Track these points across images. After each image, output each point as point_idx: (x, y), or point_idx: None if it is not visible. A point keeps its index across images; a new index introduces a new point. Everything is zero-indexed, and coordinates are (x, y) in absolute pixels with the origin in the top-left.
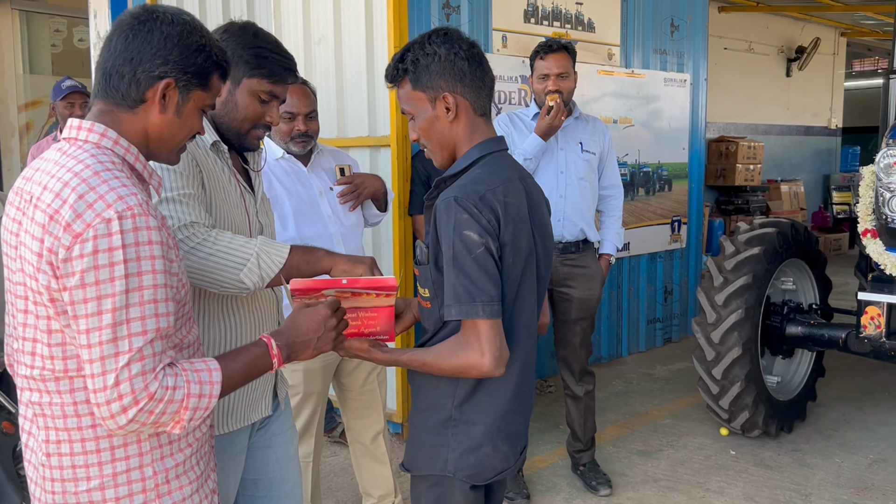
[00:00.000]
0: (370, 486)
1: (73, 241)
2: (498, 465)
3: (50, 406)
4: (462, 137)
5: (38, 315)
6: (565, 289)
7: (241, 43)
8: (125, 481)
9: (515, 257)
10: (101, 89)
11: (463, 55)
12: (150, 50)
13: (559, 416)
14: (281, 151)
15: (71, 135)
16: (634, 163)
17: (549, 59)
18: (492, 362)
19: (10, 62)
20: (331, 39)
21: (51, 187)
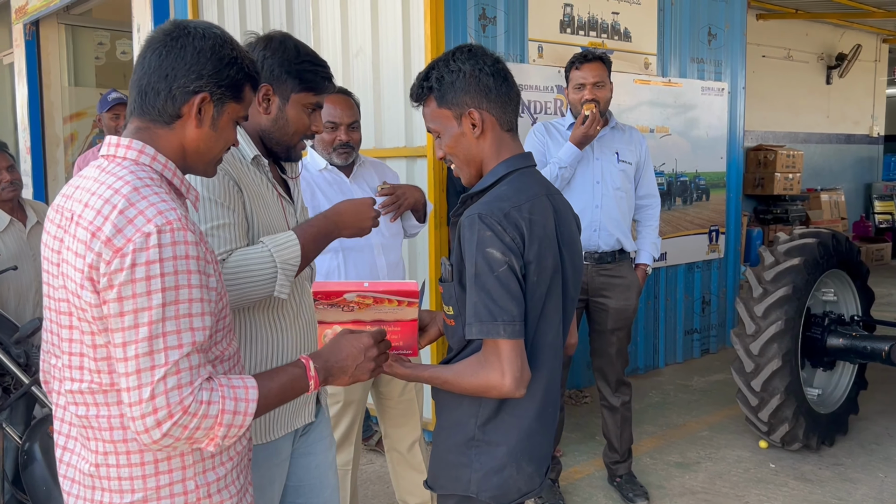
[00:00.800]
0: (406, 494)
1: (112, 256)
2: (522, 487)
3: (97, 419)
4: (489, 153)
5: (83, 331)
6: (601, 299)
7: (285, 59)
8: (168, 494)
9: (540, 276)
10: (137, 106)
11: (488, 71)
12: (183, 65)
13: (595, 426)
14: (324, 162)
15: (109, 152)
16: (671, 172)
17: (584, 68)
18: (512, 383)
19: (56, 75)
20: (368, 52)
21: (91, 204)
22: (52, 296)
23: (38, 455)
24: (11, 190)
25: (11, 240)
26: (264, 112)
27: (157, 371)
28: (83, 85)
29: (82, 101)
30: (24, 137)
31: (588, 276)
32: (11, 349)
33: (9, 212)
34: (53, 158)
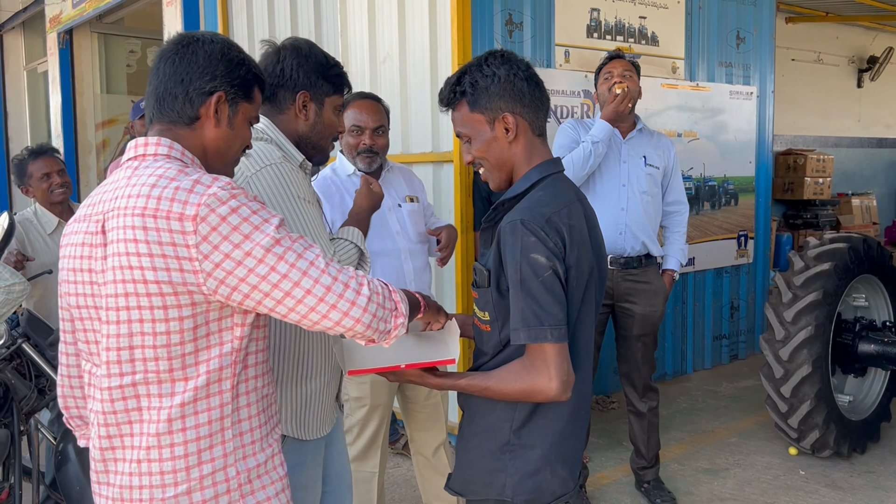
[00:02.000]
0: (432, 497)
1: (195, 225)
2: (556, 490)
3: (148, 410)
4: (521, 158)
5: (143, 319)
6: (627, 304)
7: (318, 65)
8: (210, 483)
9: (578, 280)
10: (157, 112)
11: (522, 76)
12: (197, 68)
13: (622, 432)
14: (352, 168)
15: (139, 152)
16: (699, 176)
17: (612, 63)
18: (559, 387)
19: (88, 83)
20: (395, 57)
21: (136, 193)
22: (83, 304)
23: (71, 455)
24: (62, 193)
25: (58, 243)
26: (304, 119)
27: (318, 262)
28: (115, 92)
29: (114, 108)
30: (58, 144)
31: (613, 281)
32: (46, 351)
33: (58, 214)
34: (86, 165)
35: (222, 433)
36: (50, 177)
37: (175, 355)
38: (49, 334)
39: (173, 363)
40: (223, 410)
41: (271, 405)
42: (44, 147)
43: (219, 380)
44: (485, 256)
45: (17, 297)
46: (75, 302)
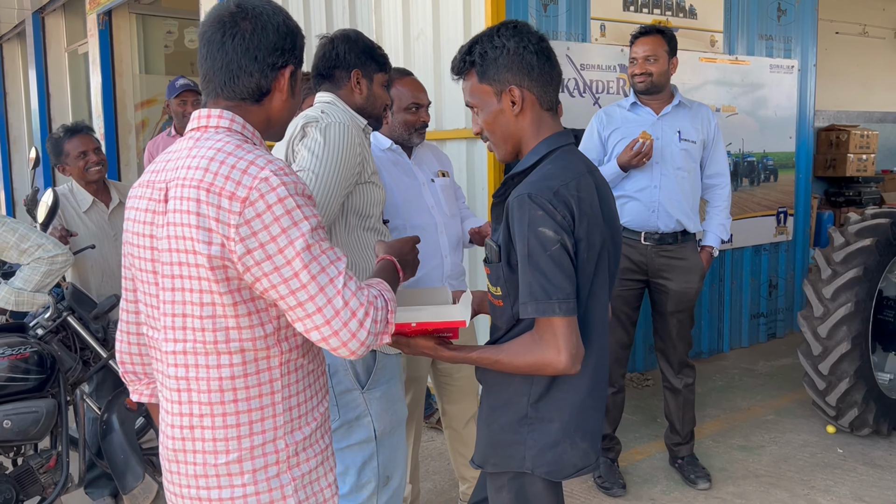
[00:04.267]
0: (464, 470)
1: (242, 207)
2: (577, 463)
3: (196, 381)
4: (528, 132)
5: (192, 288)
6: (661, 280)
7: (365, 47)
8: (260, 454)
9: (589, 253)
10: (222, 89)
11: (532, 49)
12: (268, 44)
13: (657, 409)
14: (388, 142)
15: (201, 123)
16: (738, 152)
17: (639, 42)
18: (568, 359)
19: (127, 63)
20: (429, 34)
21: (195, 165)
22: (144, 268)
23: (115, 425)
24: (97, 171)
25: (93, 220)
26: (359, 92)
27: (337, 281)
28: (153, 73)
29: (152, 88)
30: (99, 124)
31: (647, 257)
32: (90, 324)
33: (93, 193)
34: (126, 144)
35: (273, 407)
36: (86, 155)
37: (219, 327)
38: (92, 308)
39: (217, 335)
40: (273, 386)
41: (318, 379)
42: (79, 125)
43: (266, 357)
44: (496, 232)
45: (61, 268)
46: (139, 265)
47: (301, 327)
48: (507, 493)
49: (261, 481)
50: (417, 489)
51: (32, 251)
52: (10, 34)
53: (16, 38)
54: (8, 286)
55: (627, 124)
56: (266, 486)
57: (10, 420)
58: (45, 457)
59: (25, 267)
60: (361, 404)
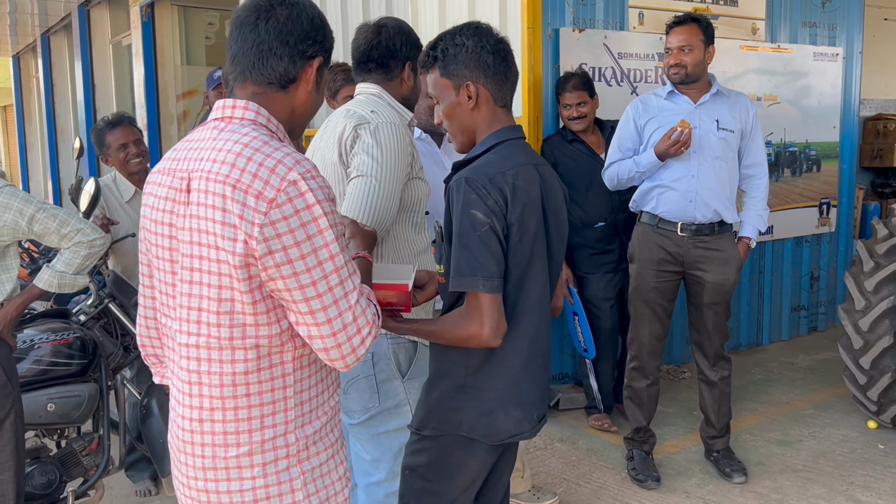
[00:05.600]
0: None
1: (268, 208)
2: (511, 429)
3: (209, 374)
4: (481, 125)
5: (210, 284)
6: (698, 272)
7: (416, 39)
8: (271, 447)
9: (523, 237)
10: (251, 71)
11: (489, 49)
12: (301, 31)
13: (692, 401)
14: (417, 132)
15: (225, 114)
16: (780, 142)
17: (673, 32)
18: (489, 333)
19: (169, 54)
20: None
21: (221, 159)
22: (160, 256)
23: (155, 410)
24: (138, 163)
25: (135, 210)
26: (408, 84)
27: (350, 296)
28: (194, 64)
29: (193, 79)
30: (141, 115)
31: (684, 248)
32: (131, 311)
33: (136, 183)
34: (168, 135)
35: (285, 402)
36: (126, 147)
37: (236, 324)
38: (133, 295)
39: (234, 331)
40: (285, 381)
41: (330, 373)
42: (121, 117)
43: (280, 352)
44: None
45: (99, 251)
46: (155, 252)
47: (304, 332)
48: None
49: (270, 474)
50: None
51: (72, 236)
52: (57, 27)
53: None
54: (50, 269)
55: (664, 113)
56: (275, 479)
57: (54, 403)
58: (88, 440)
59: (65, 251)
60: (401, 393)
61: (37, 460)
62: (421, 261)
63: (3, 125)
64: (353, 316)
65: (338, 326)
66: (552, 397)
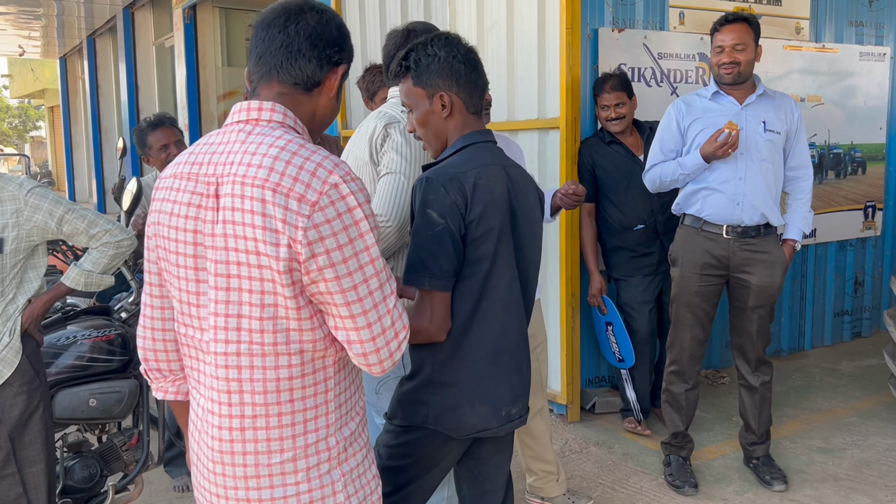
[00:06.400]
0: (532, 462)
1: (311, 211)
2: (477, 424)
3: (251, 382)
4: (454, 132)
5: (251, 289)
6: (743, 275)
7: None
8: (314, 451)
9: (484, 235)
10: (278, 70)
11: (461, 59)
12: (329, 37)
13: (731, 407)
14: None
15: (251, 116)
16: (824, 143)
17: (725, 30)
18: (435, 328)
19: (211, 56)
20: (503, 24)
21: (257, 163)
22: (182, 264)
23: None
24: None
25: None
26: None
27: (389, 300)
28: (235, 65)
29: (234, 80)
30: (183, 115)
31: (730, 251)
32: None
33: None
34: None
35: (326, 405)
36: (167, 148)
37: (280, 329)
38: None
39: (277, 336)
40: (327, 384)
41: (359, 374)
42: (162, 118)
43: (323, 356)
44: None
45: (125, 251)
46: (174, 259)
47: (343, 336)
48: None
49: (314, 479)
50: None
51: (100, 236)
52: (103, 29)
53: (107, 32)
54: (77, 268)
55: (709, 114)
56: (318, 482)
57: (95, 399)
58: (128, 435)
59: (93, 250)
60: None
61: (79, 454)
62: None
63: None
64: (391, 320)
65: (377, 331)
66: (589, 399)
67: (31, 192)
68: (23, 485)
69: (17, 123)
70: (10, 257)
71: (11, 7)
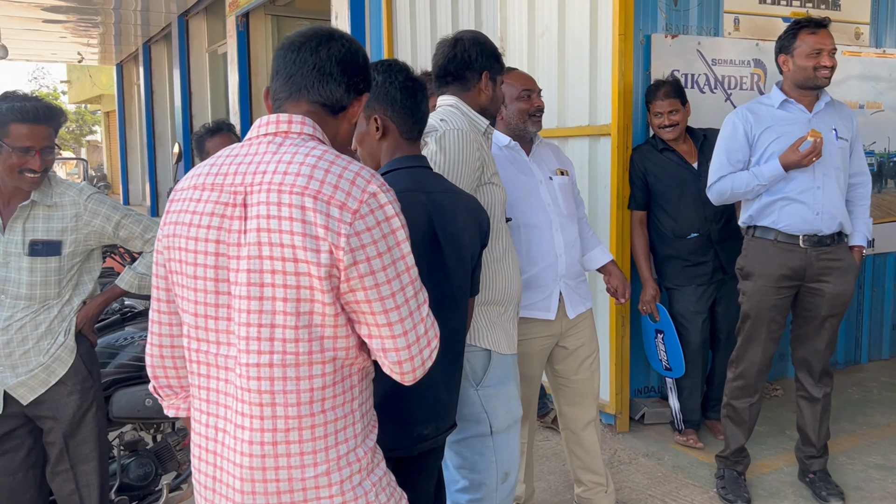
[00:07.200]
0: (581, 472)
1: (353, 218)
2: (387, 443)
3: (284, 394)
4: (385, 154)
5: (287, 298)
6: (818, 284)
7: (492, 50)
8: (346, 463)
9: None
10: (313, 89)
11: (398, 85)
12: (356, 65)
13: (785, 420)
14: (507, 139)
15: (280, 129)
16: (883, 151)
17: (822, 34)
18: None
19: (262, 62)
20: (554, 31)
21: (294, 171)
22: (202, 275)
23: None
24: None
25: None
26: (486, 94)
27: (423, 308)
28: None
29: None
30: (235, 121)
31: (807, 261)
32: None
33: None
34: None
35: (353, 415)
36: None
37: (315, 337)
38: None
39: (312, 345)
40: (353, 393)
41: (371, 384)
42: (221, 125)
43: (351, 364)
44: None
45: None
46: (191, 272)
47: (377, 345)
48: None
49: (347, 491)
50: (532, 488)
51: (154, 240)
52: (158, 36)
53: (162, 40)
54: (132, 271)
55: (780, 123)
56: (352, 494)
57: (151, 399)
58: (182, 435)
59: (147, 254)
60: (477, 401)
61: (134, 453)
62: (495, 269)
63: (105, 130)
64: (424, 328)
65: (412, 339)
66: (638, 410)
67: (91, 197)
68: (75, 481)
69: (75, 128)
70: (67, 260)
71: (72, 16)
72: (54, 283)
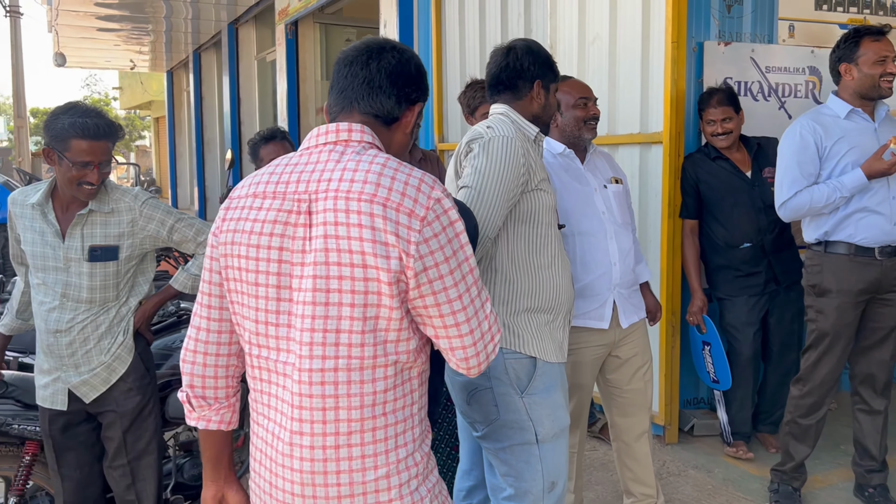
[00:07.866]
0: (631, 484)
1: (422, 225)
2: None
3: (348, 398)
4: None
5: (354, 303)
6: (890, 295)
7: (545, 58)
8: (405, 467)
9: None
10: (360, 102)
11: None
12: (408, 76)
13: (839, 434)
14: (561, 147)
15: (340, 137)
16: None
17: (885, 40)
18: None
19: (311, 69)
20: (605, 38)
21: (361, 179)
22: (263, 282)
23: None
24: None
25: None
26: (538, 103)
27: (486, 306)
28: None
29: None
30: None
31: (882, 273)
32: None
33: None
34: None
35: (412, 418)
36: None
37: (379, 341)
38: None
39: (377, 349)
40: (413, 396)
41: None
42: (275, 132)
43: (411, 367)
44: None
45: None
46: (253, 279)
47: (445, 344)
48: None
49: (405, 496)
50: (580, 498)
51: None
52: (208, 44)
53: (212, 47)
54: (185, 272)
55: (851, 134)
56: (410, 500)
57: None
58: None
59: (199, 256)
60: (522, 408)
61: (189, 453)
62: (543, 276)
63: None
64: (488, 325)
65: (478, 336)
66: (688, 421)
67: (146, 203)
68: (132, 476)
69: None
70: (124, 264)
71: (125, 24)
72: (112, 286)
